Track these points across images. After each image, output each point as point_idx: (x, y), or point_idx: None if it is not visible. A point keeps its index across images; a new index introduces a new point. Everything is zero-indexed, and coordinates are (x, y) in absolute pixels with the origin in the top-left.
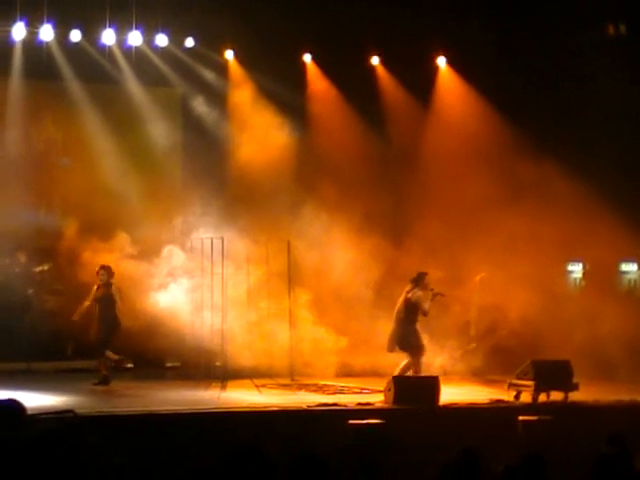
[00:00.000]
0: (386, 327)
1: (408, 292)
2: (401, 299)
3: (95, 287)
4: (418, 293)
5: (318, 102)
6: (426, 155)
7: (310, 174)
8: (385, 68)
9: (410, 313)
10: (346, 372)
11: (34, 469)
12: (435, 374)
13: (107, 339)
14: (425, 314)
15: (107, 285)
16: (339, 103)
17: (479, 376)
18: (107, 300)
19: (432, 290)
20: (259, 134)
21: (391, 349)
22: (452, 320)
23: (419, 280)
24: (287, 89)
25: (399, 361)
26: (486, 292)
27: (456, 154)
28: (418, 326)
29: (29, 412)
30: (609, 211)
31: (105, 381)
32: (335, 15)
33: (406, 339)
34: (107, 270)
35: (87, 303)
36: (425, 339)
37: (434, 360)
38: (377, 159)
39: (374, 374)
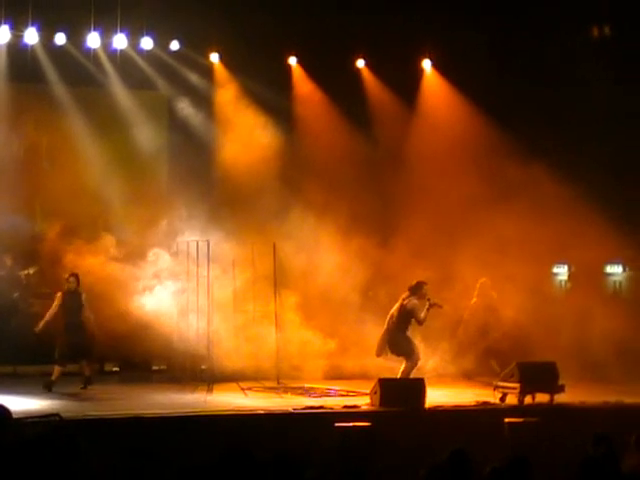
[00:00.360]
0: (374, 329)
1: (404, 299)
2: (396, 305)
3: (59, 294)
4: (414, 301)
5: (304, 105)
6: (413, 157)
7: (296, 176)
8: (371, 71)
9: (403, 320)
10: (335, 375)
11: (23, 473)
12: (427, 376)
13: (88, 343)
14: (420, 323)
15: (77, 293)
16: (325, 105)
17: (471, 378)
18: (77, 307)
19: (429, 300)
20: (245, 137)
21: (379, 353)
22: (443, 321)
23: (417, 289)
24: (273, 92)
25: (388, 364)
26: (485, 297)
27: (443, 156)
28: (409, 333)
29: (15, 416)
30: (594, 213)
31: (88, 382)
32: (320, 18)
33: (398, 345)
34: (77, 277)
35: (53, 312)
36: (417, 343)
37: (426, 362)
38: (363, 161)
39: (364, 377)
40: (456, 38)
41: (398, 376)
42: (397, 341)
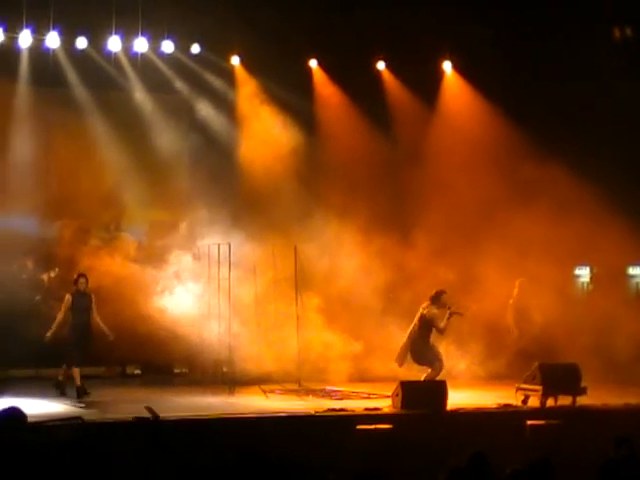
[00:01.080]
0: (397, 331)
1: (424, 308)
2: (418, 315)
3: (68, 296)
4: (434, 311)
5: (325, 107)
6: (433, 158)
7: (318, 178)
8: (391, 73)
9: (423, 329)
10: (362, 377)
11: (55, 475)
12: (457, 379)
13: (91, 348)
14: (441, 332)
15: (87, 294)
16: (346, 107)
17: (501, 380)
18: (87, 308)
19: (449, 309)
20: (266, 139)
21: (401, 363)
22: (471, 324)
23: (436, 298)
24: (294, 94)
25: (416, 367)
26: (523, 297)
27: (463, 158)
28: (432, 341)
29: (37, 419)
30: (616, 215)
31: (82, 391)
32: (340, 20)
33: (421, 354)
34: (86, 278)
35: (62, 316)
36: (443, 348)
37: (457, 365)
38: (385, 163)
39: (393, 379)
40: (477, 40)
41: None
42: (419, 350)
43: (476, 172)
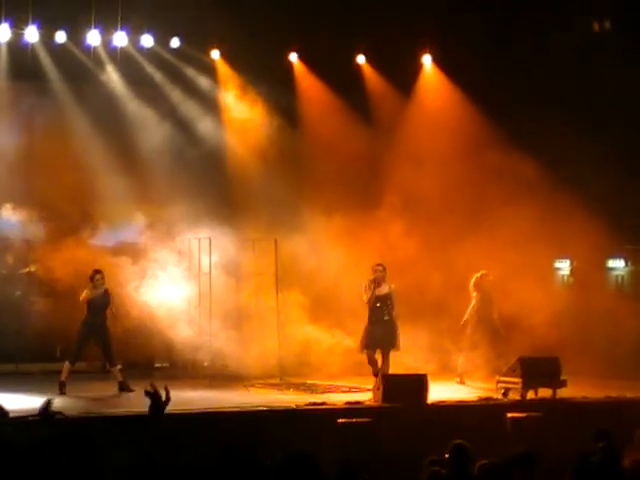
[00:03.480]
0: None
1: None
2: None
3: (87, 291)
4: (363, 284)
5: (306, 100)
6: (415, 152)
7: (299, 172)
8: (371, 66)
9: None
10: (355, 372)
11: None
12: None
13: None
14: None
15: (106, 291)
16: (326, 101)
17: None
18: (106, 307)
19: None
20: (247, 133)
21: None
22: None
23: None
24: (275, 88)
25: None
26: (486, 292)
27: (445, 151)
28: (372, 323)
29: (18, 414)
30: (595, 208)
31: (124, 386)
32: (321, 14)
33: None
34: (103, 274)
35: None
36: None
37: (457, 359)
38: (365, 156)
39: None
40: (457, 33)
41: None
42: None
43: (458, 168)
